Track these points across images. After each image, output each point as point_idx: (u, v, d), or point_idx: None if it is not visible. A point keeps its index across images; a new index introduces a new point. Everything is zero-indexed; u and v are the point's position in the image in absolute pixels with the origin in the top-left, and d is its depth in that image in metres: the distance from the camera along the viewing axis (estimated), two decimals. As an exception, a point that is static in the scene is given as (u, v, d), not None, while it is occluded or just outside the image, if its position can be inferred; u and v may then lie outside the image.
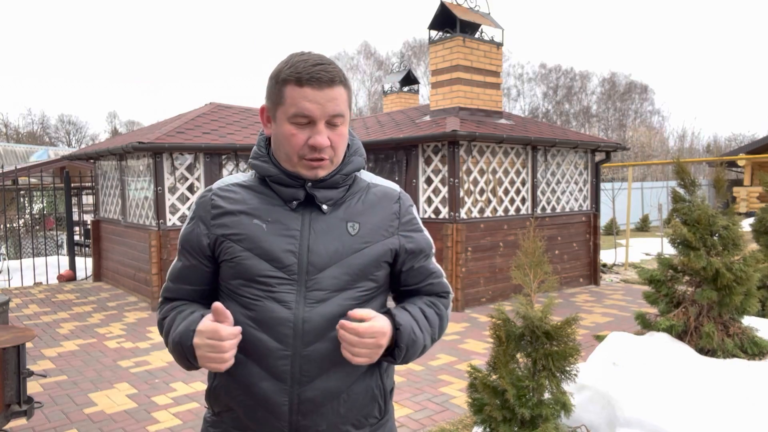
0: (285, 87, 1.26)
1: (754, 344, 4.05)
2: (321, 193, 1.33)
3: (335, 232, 1.32)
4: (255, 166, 1.37)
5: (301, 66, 1.24)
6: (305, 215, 1.33)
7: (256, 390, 1.27)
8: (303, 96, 1.23)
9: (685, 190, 4.46)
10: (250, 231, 1.30)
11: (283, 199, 1.33)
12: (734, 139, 37.82)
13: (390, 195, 1.43)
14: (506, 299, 7.71)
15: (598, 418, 3.13)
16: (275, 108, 1.29)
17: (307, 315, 1.27)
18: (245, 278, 1.29)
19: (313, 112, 1.24)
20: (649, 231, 18.75)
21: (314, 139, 1.25)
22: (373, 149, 8.36)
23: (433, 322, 1.40)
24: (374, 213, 1.38)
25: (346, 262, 1.31)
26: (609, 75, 45.25)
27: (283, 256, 1.29)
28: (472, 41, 8.00)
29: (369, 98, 43.68)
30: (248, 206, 1.33)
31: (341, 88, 1.27)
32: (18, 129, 41.27)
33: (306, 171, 1.29)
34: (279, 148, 1.32)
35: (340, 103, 1.27)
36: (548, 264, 2.76)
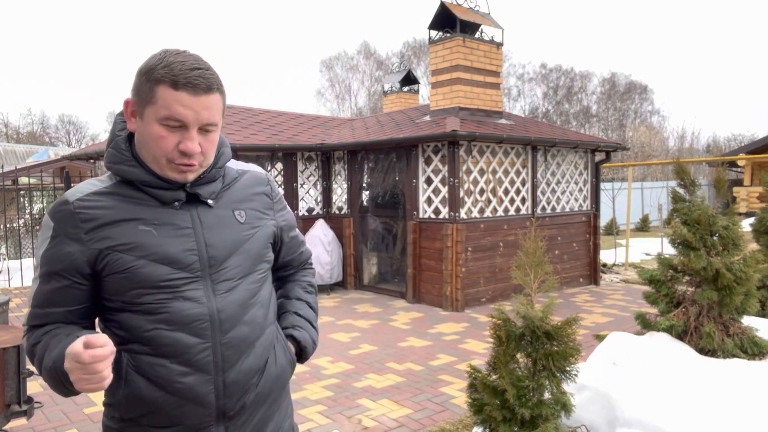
0: (158, 86, 1.20)
1: (754, 344, 4.05)
2: (203, 189, 1.33)
3: (226, 223, 1.35)
4: (122, 171, 1.29)
5: (178, 68, 1.20)
6: (191, 211, 1.32)
7: (179, 387, 1.26)
8: (177, 100, 1.19)
9: (685, 190, 4.46)
10: (139, 238, 1.25)
11: (162, 201, 1.29)
12: (734, 139, 37.83)
13: (260, 178, 1.49)
14: (506, 299, 7.72)
15: (598, 418, 3.13)
16: (144, 105, 1.23)
17: (221, 305, 1.29)
18: (145, 287, 1.24)
19: (187, 118, 1.20)
20: (649, 231, 18.75)
21: (185, 144, 1.22)
22: (373, 149, 8.36)
23: (316, 307, 1.63)
24: (253, 198, 1.44)
25: (244, 249, 1.36)
26: (609, 75, 45.26)
27: (182, 256, 1.27)
28: (472, 41, 8.00)
29: (369, 98, 43.67)
30: (124, 213, 1.26)
31: (217, 95, 1.25)
32: (18, 129, 41.29)
33: (174, 174, 1.26)
34: (145, 149, 1.26)
35: (215, 112, 1.25)
36: (548, 264, 2.76)
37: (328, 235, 8.55)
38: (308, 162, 9.01)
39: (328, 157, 9.13)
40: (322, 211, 9.13)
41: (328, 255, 8.40)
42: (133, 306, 1.26)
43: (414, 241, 7.71)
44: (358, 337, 6.13)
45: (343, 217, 8.90)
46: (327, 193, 9.16)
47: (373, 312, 7.35)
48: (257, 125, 9.29)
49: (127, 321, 1.27)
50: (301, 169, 8.90)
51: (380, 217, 8.71)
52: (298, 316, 1.54)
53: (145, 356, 1.25)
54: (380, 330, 6.43)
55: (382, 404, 4.26)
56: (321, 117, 11.50)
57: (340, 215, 8.99)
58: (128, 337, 1.27)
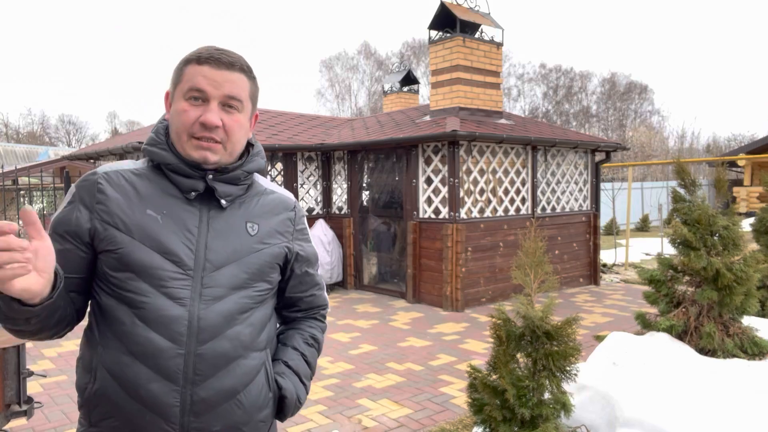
0: (186, 67, 1.25)
1: (754, 344, 4.05)
2: (221, 188, 1.29)
3: (235, 231, 1.30)
4: (151, 153, 1.30)
5: (204, 49, 1.26)
6: (203, 211, 1.29)
7: (143, 393, 1.18)
8: (200, 73, 1.23)
9: (686, 190, 4.46)
10: (142, 221, 1.23)
11: (181, 190, 1.28)
12: (734, 139, 37.83)
13: (286, 203, 1.44)
14: (506, 299, 7.72)
15: (598, 418, 3.13)
16: (174, 88, 1.27)
17: (202, 312, 1.22)
18: (132, 270, 1.20)
19: (206, 89, 1.22)
20: (649, 231, 18.74)
21: (205, 116, 1.22)
22: (373, 149, 8.36)
23: (313, 364, 1.46)
24: (272, 217, 1.38)
25: (245, 261, 1.30)
26: (609, 75, 45.28)
27: (178, 250, 1.23)
28: (472, 41, 8.00)
29: (369, 98, 43.67)
30: (140, 194, 1.26)
31: (242, 75, 1.27)
32: (18, 129, 41.28)
33: (194, 151, 1.25)
34: (173, 129, 1.28)
35: (238, 87, 1.26)
36: (548, 264, 2.76)
37: (328, 235, 8.55)
38: (308, 162, 9.01)
39: (328, 157, 9.13)
40: (322, 211, 9.13)
41: (328, 255, 8.40)
42: (121, 292, 1.22)
43: (414, 241, 7.71)
44: (358, 337, 6.13)
45: (343, 217, 8.90)
46: (327, 193, 9.16)
47: (373, 312, 7.35)
48: (257, 125, 9.28)
49: (111, 310, 1.23)
50: (301, 169, 8.90)
51: (380, 217, 8.71)
52: (287, 366, 1.39)
53: (117, 353, 1.20)
54: (380, 330, 6.43)
55: (382, 404, 4.26)
56: (321, 117, 11.50)
57: (340, 215, 8.99)
58: (106, 329, 1.23)
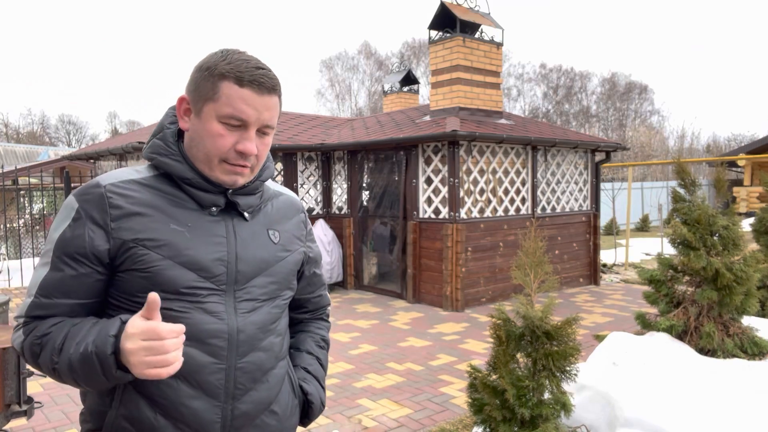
0: (221, 82, 1.15)
1: (754, 344, 4.05)
2: (243, 200, 1.26)
3: (260, 240, 1.27)
4: (165, 165, 1.21)
5: (243, 66, 1.16)
6: (227, 222, 1.24)
7: (185, 411, 1.14)
8: (242, 97, 1.14)
9: (686, 190, 4.46)
10: (170, 237, 1.15)
11: (200, 204, 1.22)
12: (734, 139, 37.84)
13: (296, 204, 1.43)
14: (506, 299, 7.71)
15: (598, 418, 3.13)
16: (203, 102, 1.17)
17: (241, 325, 1.20)
18: (166, 290, 1.13)
19: (249, 117, 1.15)
20: (649, 231, 18.74)
21: (244, 145, 1.16)
22: (373, 149, 8.36)
23: (326, 365, 1.54)
24: (287, 221, 1.37)
25: (273, 270, 1.28)
26: (609, 75, 45.28)
27: (211, 265, 1.18)
28: (472, 41, 8.00)
29: (369, 98, 43.65)
30: (158, 208, 1.17)
31: (277, 99, 1.21)
32: (18, 129, 41.27)
33: (224, 176, 1.19)
34: (197, 147, 1.19)
35: (275, 114, 1.21)
36: (548, 264, 2.76)
37: (328, 235, 8.55)
38: (308, 162, 9.01)
39: (328, 157, 9.13)
40: (322, 211, 9.13)
41: (328, 255, 8.40)
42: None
43: (414, 241, 7.71)
44: (358, 337, 6.13)
45: (343, 217, 8.90)
46: (327, 193, 9.16)
47: (373, 312, 7.35)
48: (257, 125, 9.29)
49: None
50: (301, 169, 8.90)
51: (380, 217, 8.71)
52: (307, 372, 1.44)
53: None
54: (380, 330, 6.43)
55: (382, 404, 4.26)
56: (321, 117, 11.50)
57: (340, 215, 8.99)
58: None
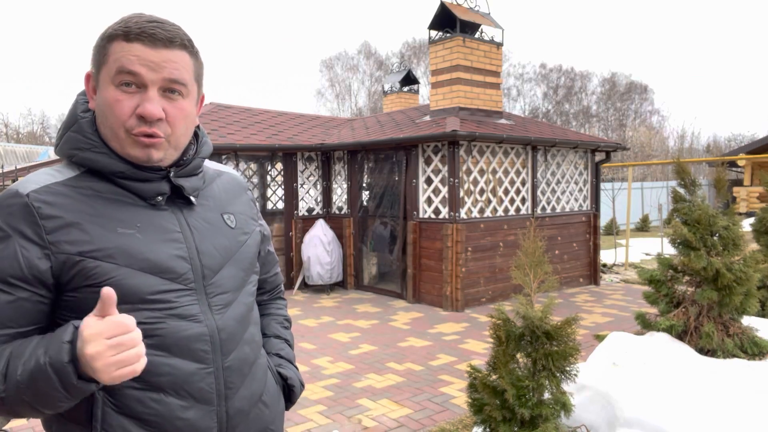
0: (111, 44, 1.03)
1: (754, 344, 4.05)
2: (188, 183, 1.13)
3: (216, 228, 1.18)
4: (88, 160, 1.06)
5: (133, 21, 1.03)
6: (177, 213, 1.13)
7: (180, 424, 1.07)
8: (130, 52, 1.01)
9: (686, 190, 4.46)
10: (120, 242, 1.02)
11: (141, 196, 1.09)
12: (734, 139, 37.83)
13: (241, 183, 1.35)
14: (506, 299, 7.72)
15: (598, 418, 3.13)
16: (98, 70, 1.04)
17: (221, 323, 1.12)
18: (131, 302, 1.01)
19: (140, 71, 1.01)
20: (649, 231, 18.74)
21: (143, 107, 1.01)
22: (373, 149, 8.36)
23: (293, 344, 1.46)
24: (237, 201, 1.28)
25: (238, 257, 1.20)
26: (609, 75, 45.29)
27: (174, 264, 1.07)
28: (472, 41, 8.00)
29: (369, 98, 43.66)
30: (98, 211, 1.04)
31: (183, 53, 1.06)
32: (18, 129, 41.30)
33: (135, 151, 1.05)
34: (103, 123, 1.05)
35: (181, 69, 1.05)
36: (548, 264, 2.76)
37: (328, 235, 8.55)
38: (308, 162, 9.01)
39: (328, 157, 9.13)
40: (322, 211, 9.13)
41: (328, 255, 8.40)
42: None
43: (414, 241, 7.71)
44: (358, 337, 6.13)
45: (343, 217, 8.90)
46: (327, 193, 9.16)
47: (373, 312, 7.35)
48: (257, 125, 9.29)
49: None
50: (301, 169, 8.90)
51: (380, 217, 8.71)
52: (280, 357, 1.37)
53: (133, 391, 1.03)
54: (380, 330, 6.43)
55: (382, 404, 4.26)
56: (321, 117, 11.50)
57: (340, 215, 8.99)
58: None
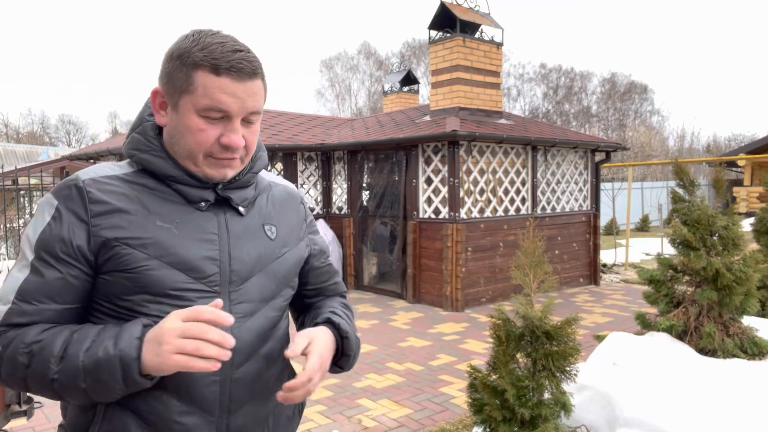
0: (195, 72, 1.04)
1: (754, 344, 4.06)
2: (236, 195, 1.16)
3: (255, 236, 1.17)
4: (146, 161, 1.11)
5: (218, 51, 1.04)
6: (219, 216, 1.14)
7: (177, 428, 1.05)
8: (220, 88, 1.03)
9: (685, 191, 4.47)
10: (156, 234, 1.06)
11: (187, 199, 1.12)
12: (734, 139, 37.82)
13: (294, 195, 1.33)
14: (506, 299, 7.71)
15: (598, 418, 3.13)
16: (178, 95, 1.06)
17: (236, 331, 1.09)
18: (153, 293, 1.04)
19: (231, 108, 1.05)
20: (649, 231, 18.74)
21: (229, 138, 1.06)
22: (373, 149, 8.36)
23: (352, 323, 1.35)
24: (286, 215, 1.27)
25: (271, 269, 1.18)
26: (609, 75, 45.27)
27: (202, 265, 1.08)
28: (472, 41, 8.00)
29: (369, 98, 43.65)
30: (143, 203, 1.08)
31: (260, 81, 1.09)
32: (18, 129, 41.29)
33: (212, 171, 1.10)
34: (179, 143, 1.09)
35: (260, 99, 1.10)
36: (548, 264, 2.76)
37: (328, 235, 8.54)
38: (308, 162, 9.01)
39: (328, 157, 9.13)
40: (322, 211, 9.13)
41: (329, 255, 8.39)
42: (133, 315, 1.05)
43: (414, 241, 7.71)
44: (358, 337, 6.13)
45: (343, 217, 8.90)
46: (327, 193, 9.16)
47: (373, 312, 7.35)
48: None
49: None
50: (301, 169, 8.90)
51: (380, 217, 8.71)
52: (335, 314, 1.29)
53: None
54: (380, 330, 6.43)
55: (382, 404, 4.26)
56: (321, 117, 11.50)
57: (340, 215, 8.99)
58: None
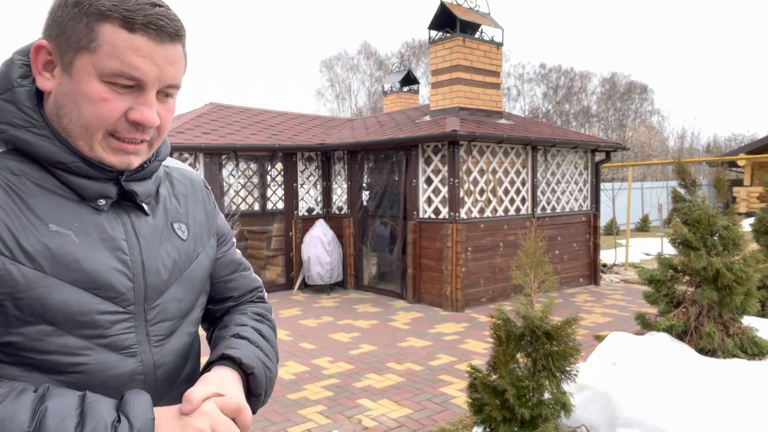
0: (100, 25, 0.80)
1: (754, 344, 4.05)
2: (140, 188, 0.93)
3: (165, 239, 0.96)
4: (23, 142, 0.83)
5: (132, 1, 0.81)
6: (121, 215, 0.91)
7: None
8: (134, 48, 0.81)
9: (686, 190, 4.46)
10: (50, 243, 0.81)
11: (81, 195, 0.87)
12: (734, 139, 37.84)
13: (196, 181, 1.11)
14: (506, 299, 7.71)
15: (598, 418, 3.13)
16: (74, 53, 0.81)
17: (158, 358, 0.91)
18: (51, 321, 0.79)
19: (147, 75, 0.82)
20: (649, 231, 18.75)
21: (141, 113, 0.84)
22: (373, 149, 8.36)
23: (272, 340, 1.08)
24: (194, 207, 1.06)
25: (187, 276, 0.98)
26: (609, 75, 45.30)
27: (114, 279, 0.86)
28: (472, 41, 8.00)
29: (369, 98, 43.68)
30: (27, 202, 0.82)
31: (181, 49, 0.88)
32: (18, 129, 41.30)
33: (112, 157, 0.86)
34: (69, 116, 0.84)
35: (180, 69, 0.89)
36: (548, 264, 2.76)
37: (328, 235, 8.55)
38: (308, 162, 9.01)
39: (328, 157, 9.13)
40: (322, 211, 9.13)
41: (328, 255, 8.40)
42: (27, 356, 0.80)
43: (414, 241, 7.71)
44: (358, 337, 6.13)
45: (343, 217, 8.90)
46: (327, 193, 9.16)
47: (373, 312, 7.35)
48: (257, 125, 9.29)
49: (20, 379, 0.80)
50: (301, 169, 8.90)
51: (380, 217, 8.71)
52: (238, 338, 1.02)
53: None
54: (380, 330, 6.43)
55: (382, 404, 4.26)
56: (321, 117, 11.50)
57: (340, 215, 8.99)
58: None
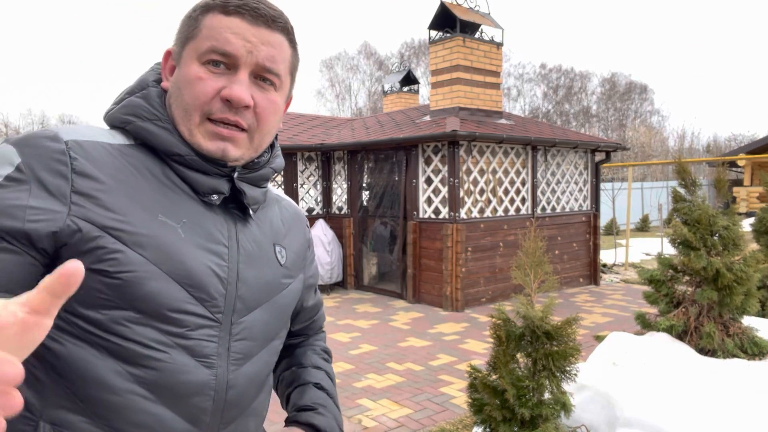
0: (204, 16, 0.83)
1: (754, 344, 4.05)
2: (250, 191, 0.89)
3: (265, 257, 0.92)
4: (147, 132, 0.83)
5: None
6: (228, 222, 0.87)
7: None
8: (229, 26, 0.82)
9: (686, 190, 4.46)
10: (157, 232, 0.78)
11: (194, 189, 0.85)
12: (734, 139, 37.85)
13: (300, 216, 1.09)
14: (506, 299, 7.71)
15: (598, 418, 3.13)
16: (184, 44, 0.85)
17: (233, 378, 0.84)
18: (139, 309, 0.76)
19: (237, 50, 0.81)
20: (649, 231, 18.75)
21: (230, 89, 0.81)
22: (373, 149, 8.36)
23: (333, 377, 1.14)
24: (294, 238, 1.02)
25: (276, 302, 0.93)
26: (609, 75, 45.32)
27: (208, 281, 0.82)
28: (472, 41, 8.00)
29: (369, 98, 43.69)
30: (140, 189, 0.80)
31: (284, 39, 0.87)
32: (18, 129, 41.32)
33: (208, 141, 0.83)
34: (176, 102, 0.84)
35: (278, 56, 0.85)
36: (548, 264, 2.76)
37: (328, 235, 8.55)
38: (308, 162, 9.01)
39: (328, 157, 9.13)
40: (322, 211, 9.13)
41: (328, 255, 8.40)
42: (105, 337, 0.75)
43: (414, 241, 7.71)
44: (358, 337, 6.13)
45: (343, 217, 8.90)
46: (327, 193, 9.16)
47: (373, 312, 7.35)
48: (257, 125, 9.30)
49: (82, 364, 0.75)
50: (301, 169, 8.90)
51: (380, 217, 8.71)
52: (319, 389, 1.05)
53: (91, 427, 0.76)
54: (380, 330, 6.43)
55: (382, 404, 4.26)
56: (321, 117, 11.50)
57: (340, 215, 8.99)
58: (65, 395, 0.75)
